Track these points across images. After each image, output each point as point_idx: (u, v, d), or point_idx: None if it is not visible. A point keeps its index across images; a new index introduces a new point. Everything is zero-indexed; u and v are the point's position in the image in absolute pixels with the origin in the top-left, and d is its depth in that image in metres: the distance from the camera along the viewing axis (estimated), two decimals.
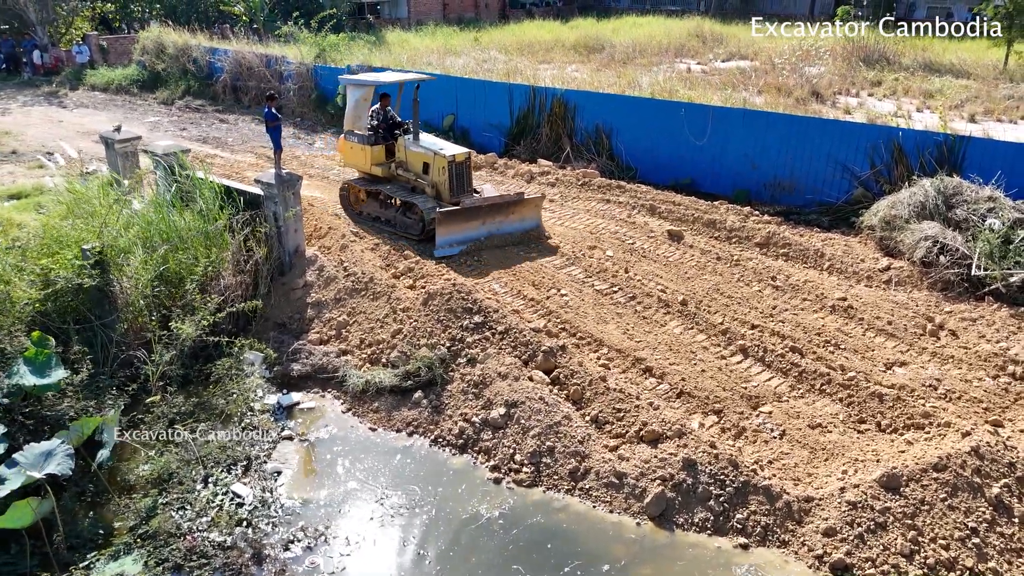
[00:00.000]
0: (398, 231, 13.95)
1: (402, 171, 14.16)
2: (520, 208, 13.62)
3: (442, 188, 13.51)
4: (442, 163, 13.37)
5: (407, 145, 14.02)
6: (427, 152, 13.66)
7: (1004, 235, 12.12)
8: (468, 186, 13.79)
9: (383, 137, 14.46)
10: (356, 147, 14.44)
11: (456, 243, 13.05)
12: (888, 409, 9.27)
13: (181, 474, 8.65)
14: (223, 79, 26.22)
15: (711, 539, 7.87)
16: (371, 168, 14.35)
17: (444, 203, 13.38)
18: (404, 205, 14.01)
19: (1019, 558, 7.32)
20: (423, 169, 13.78)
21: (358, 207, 15.03)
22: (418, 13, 43.40)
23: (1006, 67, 25.68)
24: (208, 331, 10.36)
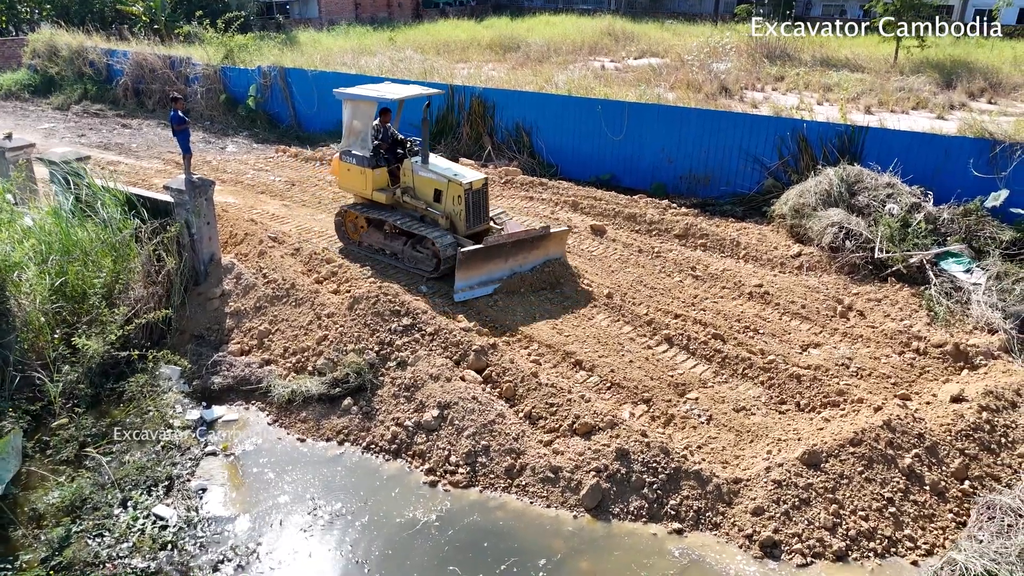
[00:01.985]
0: (406, 266, 12.41)
1: (409, 198, 12.39)
2: (546, 243, 12.18)
3: (457, 219, 11.94)
4: (458, 191, 11.76)
5: (415, 169, 12.25)
6: (439, 178, 11.95)
7: (902, 219, 12.86)
8: (485, 215, 12.33)
9: (385, 159, 12.68)
10: (354, 169, 12.60)
11: (478, 284, 11.60)
12: (806, 389, 9.67)
13: (96, 499, 8.19)
14: (123, 82, 24.94)
15: (647, 526, 8.02)
16: (372, 194, 12.57)
17: (459, 235, 11.94)
18: (413, 237, 12.37)
19: (931, 523, 7.77)
20: (434, 196, 12.11)
21: (356, 236, 13.25)
22: (329, 13, 42.49)
23: (896, 61, 27.22)
24: (118, 346, 9.84)
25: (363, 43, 31.80)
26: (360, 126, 12.47)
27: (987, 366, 9.98)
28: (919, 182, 13.69)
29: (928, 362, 10.28)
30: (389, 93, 12.20)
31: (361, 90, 12.54)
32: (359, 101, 12.42)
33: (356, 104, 12.48)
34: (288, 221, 14.54)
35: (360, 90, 12.55)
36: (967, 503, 7.92)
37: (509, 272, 11.90)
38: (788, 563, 7.48)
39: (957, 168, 13.64)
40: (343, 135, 12.84)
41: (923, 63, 26.57)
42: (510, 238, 11.78)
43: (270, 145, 21.18)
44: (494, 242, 11.60)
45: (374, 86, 13.00)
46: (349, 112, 12.62)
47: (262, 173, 18.08)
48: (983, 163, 13.39)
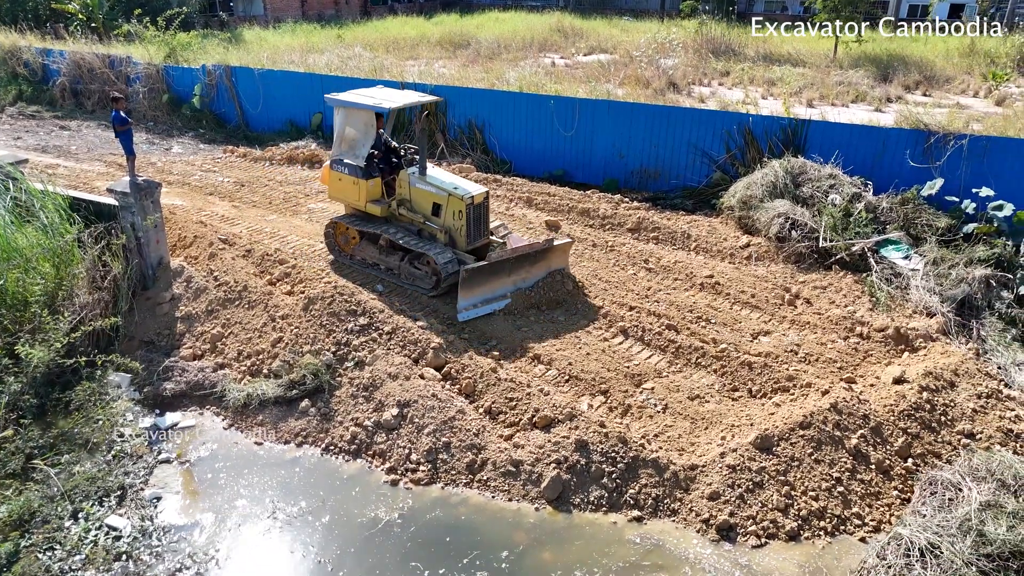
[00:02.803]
0: (402, 283, 11.89)
1: (405, 211, 11.85)
2: (549, 256, 11.77)
3: (457, 234, 11.47)
4: (459, 206, 11.25)
5: (412, 181, 11.66)
6: (439, 192, 11.43)
7: (844, 209, 13.29)
8: (486, 229, 11.88)
9: (380, 168, 12.07)
10: (346, 179, 11.98)
11: (482, 303, 11.16)
12: (757, 376, 9.94)
13: (46, 512, 7.96)
14: (61, 83, 24.10)
15: (607, 516, 8.15)
16: (365, 206, 11.98)
17: (459, 251, 11.52)
18: (410, 252, 11.79)
19: (878, 501, 8.09)
20: (433, 210, 11.59)
21: (348, 249, 12.65)
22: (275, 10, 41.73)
23: (836, 56, 28.03)
24: (63, 354, 9.56)
25: (310, 41, 31.38)
26: (353, 134, 11.88)
27: (926, 348, 10.40)
28: (859, 173, 14.17)
29: (871, 346, 10.67)
30: (385, 101, 11.56)
31: (355, 97, 11.89)
32: (352, 109, 11.77)
33: (349, 111, 11.85)
34: (238, 223, 14.29)
35: (354, 97, 11.90)
36: (911, 480, 8.27)
37: (513, 288, 11.43)
38: (744, 545, 7.70)
39: (895, 159, 14.17)
40: (334, 143, 12.25)
41: (861, 57, 27.45)
42: (513, 253, 11.27)
43: (217, 145, 20.75)
44: (497, 258, 11.11)
45: (368, 92, 12.27)
46: (341, 119, 12.00)
47: (210, 174, 17.72)
48: (919, 153, 13.93)
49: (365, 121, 11.66)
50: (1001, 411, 9.13)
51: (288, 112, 21.16)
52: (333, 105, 12.01)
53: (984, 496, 6.97)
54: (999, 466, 7.34)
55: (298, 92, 20.78)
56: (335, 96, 11.96)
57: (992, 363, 10.11)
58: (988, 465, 7.42)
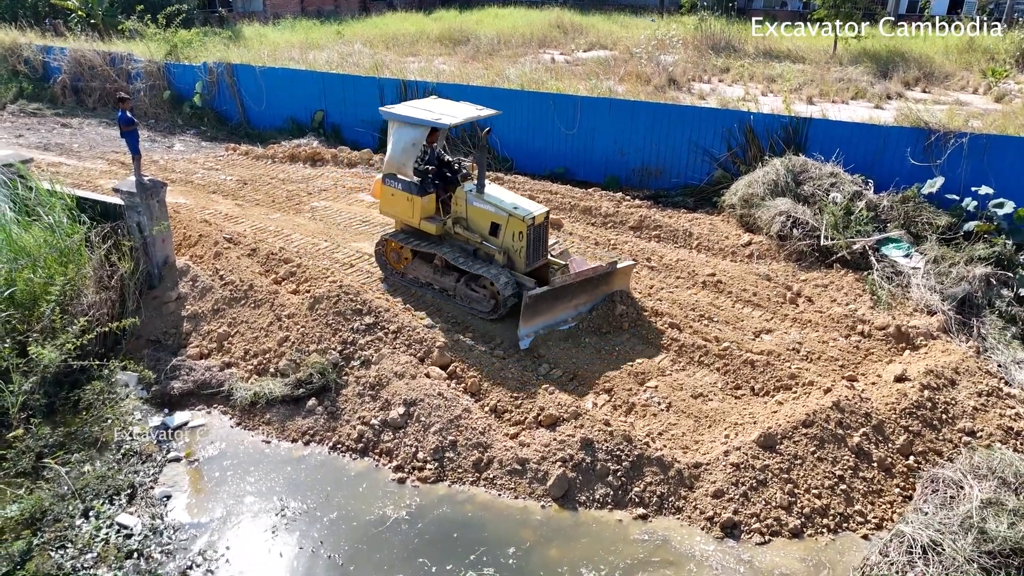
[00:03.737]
0: (458, 305, 11.40)
1: (461, 229, 11.32)
2: (612, 279, 11.33)
3: (516, 255, 10.94)
4: (520, 227, 10.70)
5: (470, 199, 11.13)
6: (498, 212, 10.86)
7: (845, 207, 13.37)
8: (544, 250, 11.36)
9: (435, 184, 11.62)
10: (399, 195, 11.51)
11: (543, 329, 10.78)
12: (760, 374, 10.03)
13: (57, 510, 8.02)
14: (61, 80, 24.09)
15: (612, 513, 8.25)
16: (420, 223, 11.48)
17: (518, 273, 10.98)
18: (466, 273, 11.28)
19: (880, 498, 8.19)
20: (491, 230, 11.04)
21: (400, 267, 12.13)
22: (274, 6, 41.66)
23: (835, 52, 28.09)
24: (73, 355, 9.63)
25: (310, 37, 31.34)
26: (408, 149, 11.24)
27: (927, 346, 10.51)
28: (860, 171, 14.25)
29: (872, 344, 10.76)
30: (445, 116, 10.88)
31: (411, 111, 11.27)
32: (410, 124, 11.14)
33: (404, 125, 11.26)
34: (242, 221, 14.34)
35: (409, 110, 11.28)
36: (912, 478, 8.37)
37: (575, 313, 11.02)
38: (747, 542, 7.80)
39: (895, 157, 14.24)
40: (387, 157, 11.56)
41: (860, 54, 27.49)
42: (577, 277, 10.76)
43: (219, 143, 20.78)
44: (561, 283, 10.63)
45: (424, 104, 11.60)
46: (396, 133, 11.38)
47: (212, 172, 17.76)
48: (919, 151, 14.00)
49: (421, 136, 11.10)
50: (1001, 409, 9.24)
51: (289, 109, 21.19)
52: (388, 119, 11.47)
53: (985, 494, 7.07)
54: (1000, 464, 7.45)
55: (299, 90, 20.82)
56: (391, 109, 11.39)
57: (992, 361, 10.22)
58: (989, 463, 7.52)
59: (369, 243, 13.47)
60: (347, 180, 17.15)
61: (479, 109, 11.47)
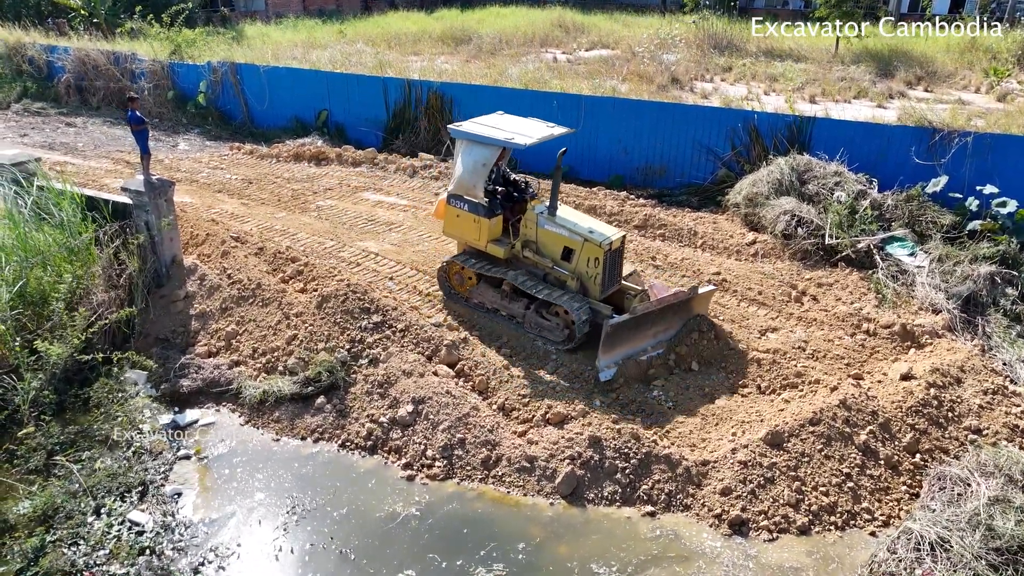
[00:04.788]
0: (527, 332, 10.82)
1: (530, 253, 10.75)
2: (693, 304, 10.72)
3: (591, 282, 10.40)
4: (596, 253, 10.15)
5: (541, 223, 10.55)
6: (572, 236, 10.31)
7: (850, 206, 13.42)
8: (619, 275, 10.84)
9: (502, 205, 11.03)
10: (465, 216, 10.89)
11: (623, 360, 10.14)
12: (766, 372, 10.09)
13: (69, 507, 8.10)
14: (65, 79, 24.12)
15: (621, 510, 8.30)
16: (486, 246, 10.92)
17: (591, 299, 10.46)
18: (537, 299, 10.71)
19: (887, 496, 8.25)
20: (563, 254, 10.52)
21: (464, 290, 11.50)
22: (276, 5, 41.66)
23: (837, 51, 28.11)
24: (81, 351, 9.69)
25: (312, 36, 31.37)
26: (477, 169, 10.63)
27: (932, 345, 10.56)
28: (864, 170, 14.30)
29: (878, 343, 10.81)
30: (518, 136, 10.22)
31: (482, 129, 10.66)
32: (482, 144, 10.53)
33: (474, 144, 10.68)
34: (248, 220, 14.39)
35: (481, 129, 10.67)
36: (919, 475, 8.42)
37: (655, 341, 10.41)
38: (756, 539, 7.85)
39: (899, 156, 14.29)
40: (453, 176, 11.02)
41: (862, 53, 27.52)
42: (659, 304, 10.16)
43: (223, 142, 20.82)
44: (643, 310, 10.02)
45: (492, 122, 11.02)
46: (464, 151, 10.80)
47: (217, 171, 17.80)
48: (923, 151, 14.05)
49: (492, 156, 10.51)
50: (1007, 407, 9.29)
51: (293, 109, 21.23)
52: (457, 137, 10.90)
53: (992, 491, 7.13)
54: (1007, 461, 7.50)
55: (303, 89, 20.85)
56: (461, 128, 10.81)
57: (997, 359, 10.27)
58: (996, 460, 7.58)
59: (375, 242, 13.53)
60: (352, 179, 17.19)
61: (550, 127, 10.94)
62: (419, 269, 12.52)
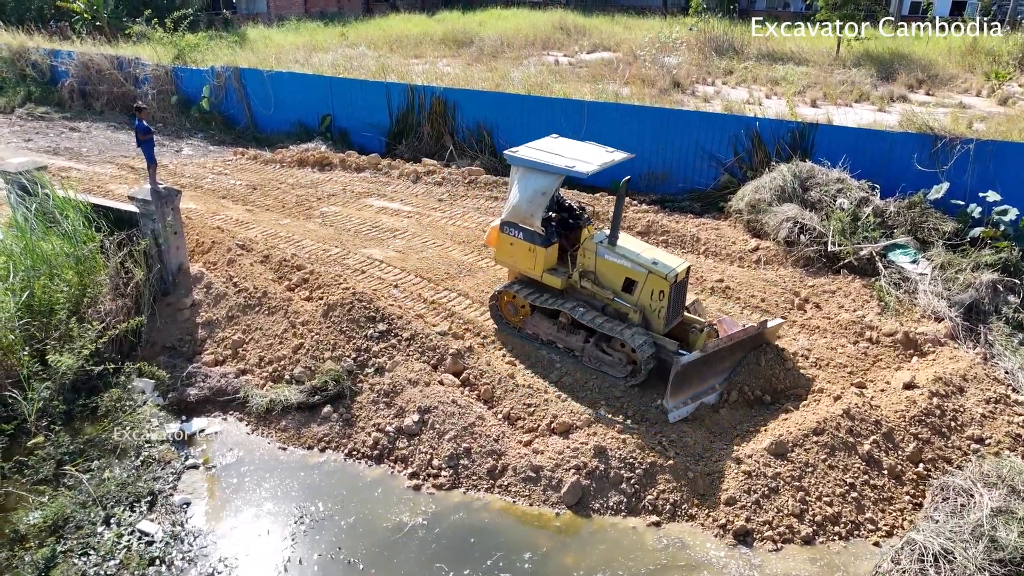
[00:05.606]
0: (587, 366, 10.37)
1: (588, 284, 10.32)
2: (761, 338, 10.34)
3: (653, 315, 9.96)
4: (661, 285, 9.73)
5: (601, 252, 10.14)
6: (636, 268, 9.89)
7: (852, 213, 13.47)
8: (683, 307, 10.46)
9: (559, 233, 10.63)
10: (520, 244, 10.45)
11: (691, 399, 9.72)
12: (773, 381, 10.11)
13: (79, 518, 8.18)
14: (69, 84, 24.19)
15: (626, 520, 8.37)
16: (542, 276, 10.51)
17: (654, 333, 10.03)
18: (596, 333, 10.28)
19: (890, 505, 8.31)
20: (624, 286, 10.11)
21: (516, 321, 11.06)
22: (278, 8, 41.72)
23: (838, 54, 28.16)
24: (89, 361, 9.75)
25: (314, 39, 31.42)
26: (535, 198, 10.11)
27: (935, 353, 10.61)
28: (867, 177, 14.35)
29: (880, 351, 10.87)
30: (579, 163, 9.79)
31: (541, 155, 10.16)
32: (542, 172, 10.01)
33: (532, 171, 10.15)
34: (253, 227, 14.45)
35: (539, 155, 10.16)
36: (922, 485, 8.48)
37: (721, 379, 9.97)
38: (760, 549, 7.92)
39: (901, 163, 14.33)
40: (508, 203, 10.53)
41: (863, 56, 27.56)
42: (730, 340, 9.73)
43: (227, 147, 20.89)
44: (714, 348, 9.58)
45: (547, 147, 10.52)
46: (520, 178, 10.32)
47: (221, 177, 17.87)
48: (925, 157, 14.10)
49: (553, 184, 10.02)
50: (1009, 416, 9.35)
51: (297, 113, 21.29)
52: (515, 164, 10.39)
53: (995, 502, 7.19)
54: (1009, 472, 7.57)
55: (306, 93, 20.92)
56: (518, 155, 10.28)
57: (1000, 368, 10.32)
58: (999, 471, 7.64)
59: (379, 249, 13.59)
60: (355, 185, 17.25)
61: (609, 152, 10.46)
62: (423, 276, 12.58)
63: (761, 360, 10.07)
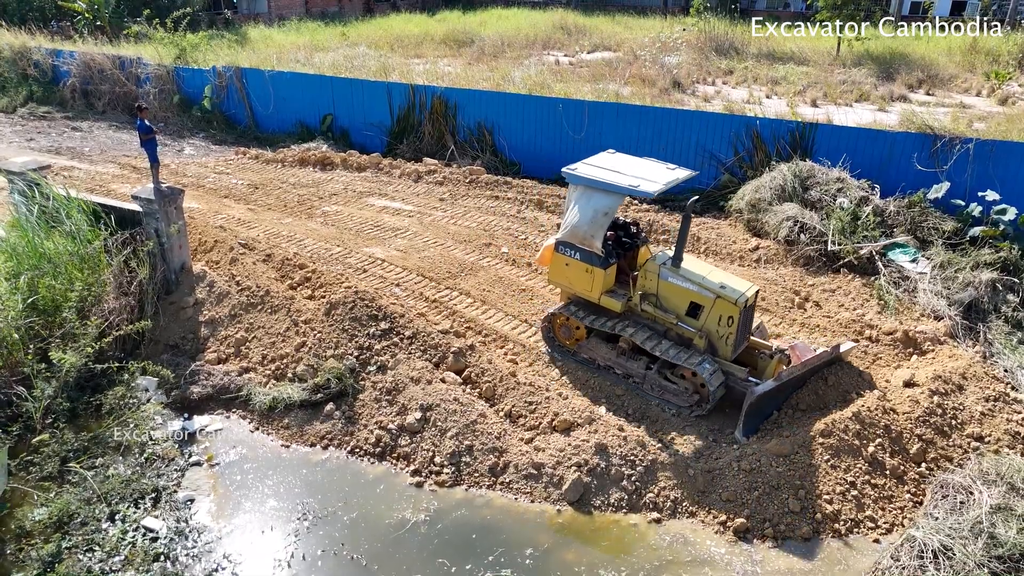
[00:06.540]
0: (649, 395, 9.93)
1: (649, 307, 9.87)
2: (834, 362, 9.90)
3: (720, 341, 9.52)
4: (730, 311, 9.28)
5: (664, 275, 9.68)
6: (702, 292, 9.42)
7: (852, 212, 13.53)
8: (750, 331, 10.08)
9: (617, 253, 10.25)
10: (576, 265, 10.04)
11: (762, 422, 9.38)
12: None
13: (83, 514, 8.22)
14: (71, 83, 24.26)
15: (627, 517, 8.42)
16: (600, 299, 10.09)
17: (721, 360, 9.61)
18: (658, 359, 9.85)
19: (890, 504, 8.35)
20: (689, 310, 9.65)
21: (570, 344, 10.69)
22: (279, 8, 41.79)
23: (839, 54, 28.22)
24: (93, 359, 9.81)
25: (315, 39, 31.51)
26: (597, 218, 9.67)
27: (934, 351, 10.66)
28: (867, 176, 14.41)
29: (880, 349, 10.92)
30: (645, 183, 9.31)
31: (601, 173, 9.69)
32: (604, 192, 9.58)
33: (593, 191, 9.71)
34: (256, 226, 14.51)
35: (600, 173, 9.70)
36: (923, 483, 8.52)
37: (784, 398, 9.59)
38: (760, 546, 7.97)
39: (901, 162, 14.40)
40: (568, 224, 10.00)
41: (863, 56, 27.62)
42: (804, 367, 9.30)
43: (228, 147, 20.95)
44: (789, 375, 9.16)
45: (605, 163, 10.08)
46: (582, 198, 9.86)
47: (223, 176, 17.92)
48: (925, 157, 14.15)
49: (615, 204, 9.60)
50: (1008, 414, 9.39)
51: (298, 113, 21.36)
52: (574, 183, 9.96)
53: (995, 499, 7.24)
54: (1008, 469, 7.62)
55: (308, 93, 20.98)
56: (577, 173, 9.85)
57: (999, 366, 10.37)
58: (998, 469, 7.69)
59: (381, 248, 13.65)
60: (357, 184, 17.31)
61: (670, 168, 9.98)
62: (425, 275, 12.64)
63: (829, 379, 9.64)
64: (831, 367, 9.79)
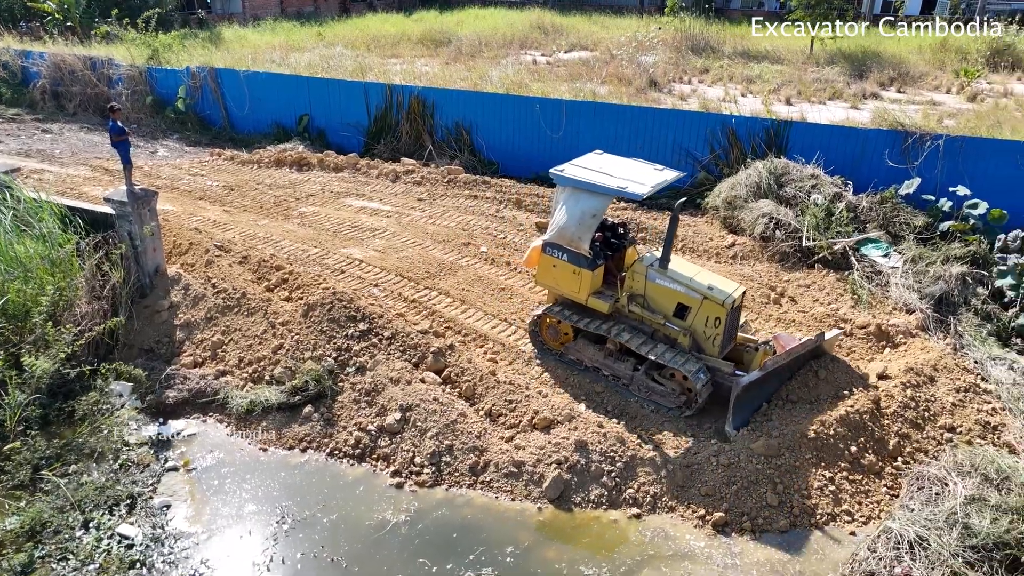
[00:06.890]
0: (636, 394, 9.96)
1: (637, 308, 9.91)
2: (819, 350, 10.06)
3: (707, 342, 9.61)
4: (717, 312, 9.35)
5: (651, 276, 9.72)
6: (689, 293, 9.48)
7: (826, 208, 13.69)
8: (737, 331, 10.13)
9: (605, 254, 10.27)
10: (563, 266, 10.06)
11: (749, 414, 9.41)
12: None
13: (57, 522, 8.08)
14: (41, 85, 23.86)
15: (607, 513, 8.45)
16: (587, 300, 10.11)
17: (707, 358, 9.69)
18: (645, 360, 9.84)
19: (867, 498, 8.46)
20: (676, 311, 9.71)
21: (558, 346, 10.67)
22: (254, 8, 41.38)
23: (812, 53, 28.53)
24: (65, 363, 9.65)
25: (291, 39, 31.25)
26: (584, 220, 9.68)
27: (906, 344, 10.81)
28: (840, 173, 14.59)
29: (854, 343, 11.05)
30: (633, 185, 9.34)
31: (590, 175, 9.68)
32: (588, 191, 9.64)
33: (581, 192, 9.73)
34: (231, 228, 14.36)
35: (588, 175, 9.69)
36: (898, 476, 8.63)
37: (773, 390, 9.65)
38: (739, 539, 8.03)
39: (874, 159, 14.60)
40: (555, 225, 10.01)
41: (836, 54, 27.94)
42: (788, 356, 9.34)
43: (203, 148, 20.72)
44: (774, 365, 9.22)
45: (593, 164, 10.09)
46: (569, 199, 9.87)
47: (198, 178, 17.72)
48: (897, 153, 14.36)
49: (603, 205, 9.60)
50: (979, 404, 9.56)
51: (274, 114, 21.18)
52: (562, 184, 9.97)
53: (969, 490, 7.36)
54: (982, 461, 7.74)
55: (284, 94, 20.81)
56: (565, 173, 9.85)
57: (969, 358, 10.54)
58: (972, 460, 7.81)
59: (359, 248, 13.57)
60: (334, 185, 17.20)
61: (659, 170, 10.02)
62: (404, 275, 12.60)
63: (820, 373, 9.74)
64: (825, 361, 9.93)
